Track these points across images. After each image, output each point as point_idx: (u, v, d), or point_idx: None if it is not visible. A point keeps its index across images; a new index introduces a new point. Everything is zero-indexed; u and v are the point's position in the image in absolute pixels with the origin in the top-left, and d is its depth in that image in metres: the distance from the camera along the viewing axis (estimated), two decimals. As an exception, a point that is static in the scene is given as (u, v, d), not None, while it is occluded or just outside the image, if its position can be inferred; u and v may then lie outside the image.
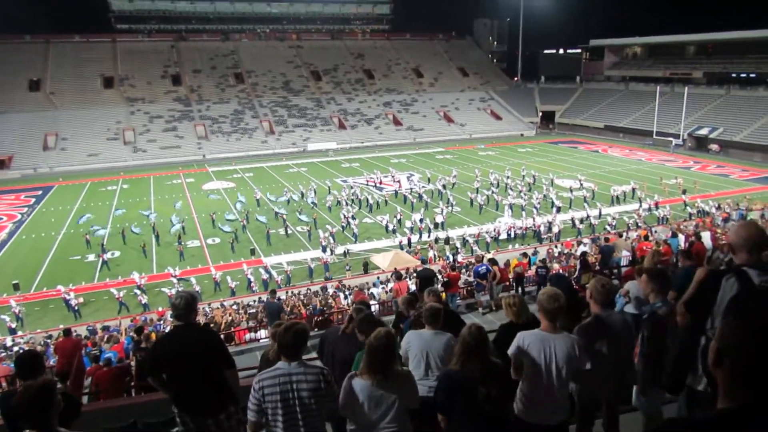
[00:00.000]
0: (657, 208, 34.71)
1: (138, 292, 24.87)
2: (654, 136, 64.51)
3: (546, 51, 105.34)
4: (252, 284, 25.89)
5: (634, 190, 38.57)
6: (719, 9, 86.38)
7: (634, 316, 5.76)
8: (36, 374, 4.25)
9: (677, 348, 4.17)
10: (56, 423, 3.26)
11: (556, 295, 4.24)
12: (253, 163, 59.08)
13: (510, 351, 4.21)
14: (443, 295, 13.58)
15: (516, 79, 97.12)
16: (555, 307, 4.17)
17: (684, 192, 37.50)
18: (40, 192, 47.72)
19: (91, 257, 30.18)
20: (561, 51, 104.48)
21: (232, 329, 16.16)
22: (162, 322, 19.69)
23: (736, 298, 3.21)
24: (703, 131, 62.10)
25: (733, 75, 72.53)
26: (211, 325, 16.76)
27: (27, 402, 3.17)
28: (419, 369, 4.99)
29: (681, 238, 19.03)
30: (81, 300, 24.61)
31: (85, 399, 8.66)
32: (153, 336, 12.82)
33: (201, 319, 18.63)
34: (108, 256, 30.43)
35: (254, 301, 22.73)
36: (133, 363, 10.11)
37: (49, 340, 17.65)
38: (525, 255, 21.50)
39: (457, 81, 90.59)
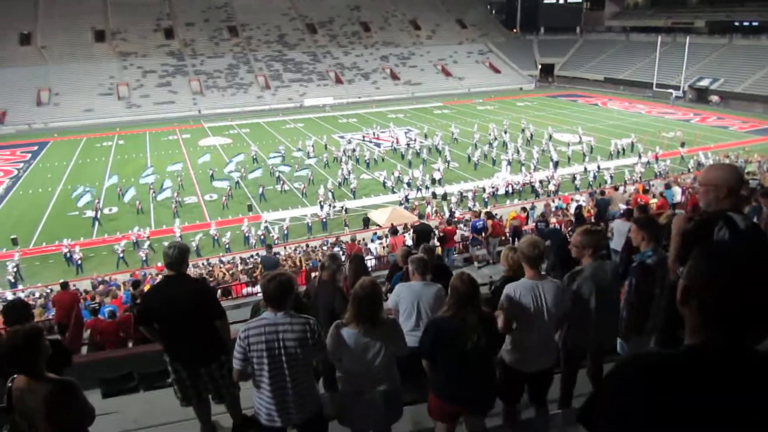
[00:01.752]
0: (657, 161, 34.57)
1: (138, 246, 25.05)
2: (654, 88, 63.74)
3: (546, 1, 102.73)
4: (250, 239, 26.01)
5: (633, 144, 38.34)
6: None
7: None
8: (23, 321, 4.29)
9: (668, 302, 4.19)
10: (44, 368, 3.32)
11: (535, 242, 4.32)
12: (250, 118, 58.43)
13: (501, 304, 4.26)
14: (439, 249, 13.69)
15: (515, 30, 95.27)
16: (535, 253, 4.25)
17: (682, 145, 37.31)
18: (35, 147, 47.34)
19: (89, 213, 30.14)
20: (561, 1, 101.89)
21: (230, 284, 16.30)
22: (161, 276, 19.87)
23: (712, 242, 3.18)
24: (704, 82, 61.40)
25: (736, 23, 71.10)
26: (210, 279, 16.91)
27: (14, 346, 3.23)
28: (410, 320, 5.05)
29: (677, 190, 19.02)
30: (81, 255, 24.76)
31: (84, 350, 8.81)
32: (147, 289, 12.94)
33: (201, 272, 18.81)
34: (106, 211, 30.51)
35: (251, 256, 22.85)
36: (131, 316, 10.23)
37: (49, 293, 17.81)
38: (524, 209, 21.54)
39: (455, 33, 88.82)
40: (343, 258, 9.40)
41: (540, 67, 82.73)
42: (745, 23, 70.47)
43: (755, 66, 59.15)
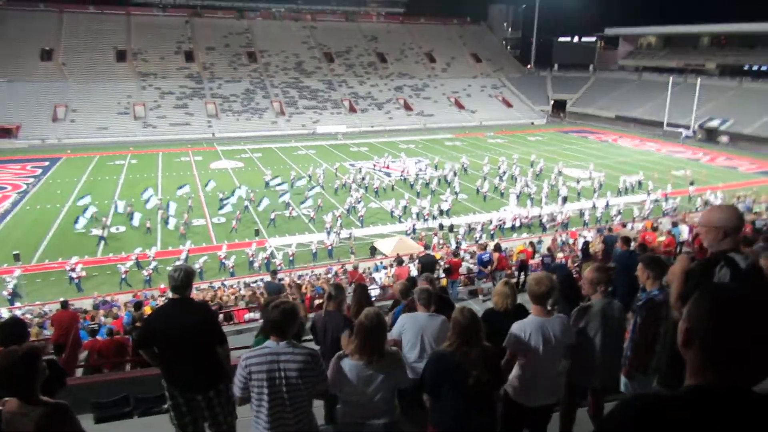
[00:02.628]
0: (666, 199, 34.44)
1: (142, 267, 25.01)
2: (665, 127, 63.93)
3: (560, 39, 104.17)
4: (255, 264, 25.97)
5: (640, 181, 38.31)
6: (734, 1, 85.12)
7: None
8: (18, 341, 4.23)
9: (671, 341, 4.15)
10: (39, 391, 3.21)
11: (541, 279, 4.31)
12: (263, 143, 58.95)
13: (509, 342, 4.25)
14: (444, 281, 13.60)
15: (529, 66, 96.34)
16: (541, 291, 4.23)
17: (692, 183, 37.22)
18: (47, 163, 47.75)
19: (96, 231, 30.18)
20: (575, 39, 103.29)
21: (232, 308, 16.21)
22: (163, 298, 19.82)
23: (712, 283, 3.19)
24: (714, 123, 61.65)
25: (746, 67, 71.90)
26: (213, 303, 16.84)
27: (9, 367, 3.11)
28: (414, 351, 5.01)
29: (684, 228, 18.86)
30: (84, 273, 24.74)
31: (79, 372, 8.71)
32: (149, 311, 12.86)
33: (207, 295, 18.73)
34: (113, 230, 30.62)
35: (255, 281, 22.80)
36: (130, 339, 10.15)
37: (47, 311, 17.74)
38: (531, 244, 21.44)
39: (469, 67, 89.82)
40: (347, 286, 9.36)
41: (552, 102, 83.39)
42: (755, 67, 71.24)
43: (764, 109, 59.35)
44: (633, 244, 11.05)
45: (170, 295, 4.69)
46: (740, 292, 1.42)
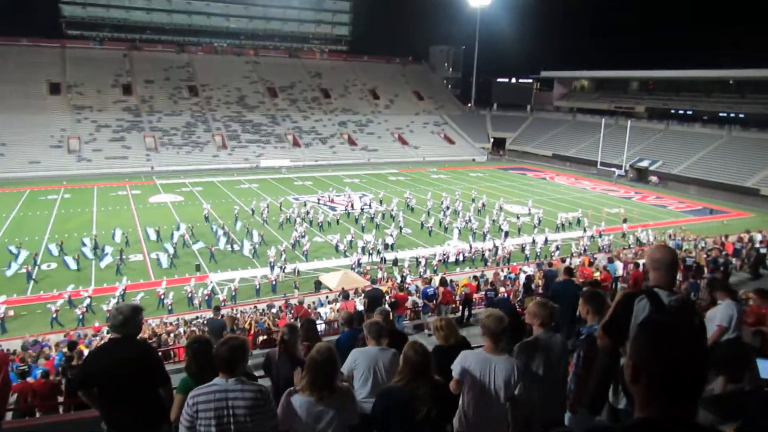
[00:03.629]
0: (600, 236, 35.83)
1: (74, 305, 23.85)
2: (598, 166, 66.84)
3: (499, 79, 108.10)
4: (195, 300, 25.25)
5: (579, 218, 39.75)
6: (661, 48, 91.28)
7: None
8: None
9: (598, 369, 4.30)
10: None
11: (501, 317, 4.34)
12: (204, 177, 58.00)
13: (454, 370, 4.24)
14: (391, 315, 13.60)
15: (469, 105, 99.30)
16: (501, 329, 4.27)
17: (625, 221, 38.92)
18: (-26, 198, 45.41)
19: (24, 269, 28.68)
20: (513, 80, 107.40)
21: (172, 346, 15.65)
22: (97, 338, 18.92)
23: (647, 317, 3.35)
24: (644, 163, 64.79)
25: (672, 111, 76.38)
26: (152, 340, 16.21)
27: None
28: (366, 386, 4.94)
29: (619, 264, 19.68)
30: (11, 313, 23.40)
31: (9, 416, 8.20)
32: (82, 352, 12.25)
33: (144, 333, 17.99)
34: (44, 267, 29.23)
35: (196, 318, 22.14)
36: (63, 380, 9.64)
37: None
38: (475, 278, 21.77)
39: (412, 104, 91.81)
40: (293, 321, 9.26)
41: (492, 140, 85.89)
42: (680, 111, 75.76)
43: (690, 151, 63.10)
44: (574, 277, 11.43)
45: (110, 334, 4.54)
46: (670, 323, 1.51)
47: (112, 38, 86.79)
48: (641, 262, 16.85)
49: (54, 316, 23.22)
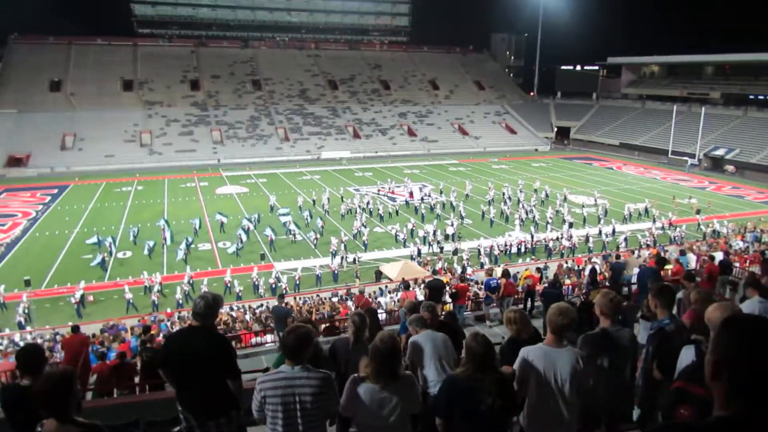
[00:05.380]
0: (671, 227, 34.39)
1: (150, 291, 25.00)
2: (669, 155, 64.05)
3: (563, 67, 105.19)
4: (259, 289, 25.95)
5: (647, 209, 38.26)
6: (738, 30, 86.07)
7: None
8: (37, 367, 4.28)
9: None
10: (74, 412, 3.32)
11: (565, 310, 4.19)
12: (267, 169, 59.41)
13: (515, 365, 4.19)
14: (447, 306, 13.57)
15: (532, 94, 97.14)
16: (564, 323, 4.13)
17: (698, 212, 37.15)
18: (56, 190, 48.28)
19: (99, 258, 30.25)
20: (578, 67, 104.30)
21: (239, 332, 16.16)
22: (170, 323, 19.77)
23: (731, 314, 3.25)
24: (719, 152, 61.64)
25: (751, 96, 72.10)
26: (220, 327, 16.79)
27: (49, 389, 3.24)
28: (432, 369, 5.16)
29: (692, 257, 18.80)
30: (91, 298, 24.79)
31: (89, 396, 8.70)
32: (155, 335, 12.83)
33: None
34: (120, 255, 30.74)
35: (261, 305, 22.75)
36: (138, 362, 10.14)
37: (57, 336, 17.73)
38: (538, 269, 21.39)
39: (472, 94, 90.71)
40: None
41: (556, 129, 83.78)
42: (760, 97, 71.42)
43: (770, 139, 59.53)
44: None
45: (176, 319, 4.71)
46: (754, 319, 1.47)
47: (180, 35, 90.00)
48: (716, 255, 16.09)
49: (130, 302, 24.40)
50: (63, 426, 3.21)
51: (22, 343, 17.13)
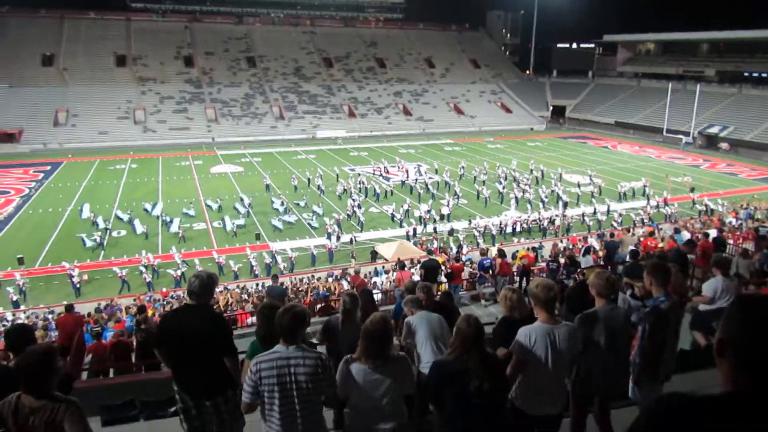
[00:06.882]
0: (666, 205, 34.51)
1: (143, 269, 24.97)
2: (664, 134, 64.06)
3: (559, 45, 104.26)
4: (254, 269, 25.96)
5: (645, 187, 38.31)
6: (732, 7, 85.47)
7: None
8: (25, 347, 4.27)
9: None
10: (55, 388, 3.31)
11: (549, 285, 4.28)
12: (262, 148, 59.05)
13: (514, 348, 4.20)
14: (443, 287, 13.62)
15: (528, 72, 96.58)
16: (550, 296, 4.20)
17: (692, 190, 37.24)
18: (49, 167, 47.87)
19: (97, 235, 30.23)
20: (574, 45, 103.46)
21: (235, 312, 16.20)
22: (165, 302, 19.80)
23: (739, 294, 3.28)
24: (714, 129, 61.72)
25: (746, 74, 72.03)
26: (216, 306, 16.82)
27: (29, 365, 3.22)
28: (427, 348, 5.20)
29: (686, 234, 18.89)
30: (85, 277, 24.76)
31: (84, 375, 8.72)
32: (151, 314, 12.84)
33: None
34: (114, 234, 30.69)
35: (257, 285, 22.80)
36: (134, 342, 10.15)
37: (50, 316, 17.74)
38: (533, 249, 21.48)
39: (468, 73, 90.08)
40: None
41: (551, 108, 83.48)
42: (755, 74, 71.31)
43: (764, 115, 59.53)
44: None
45: (188, 300, 4.69)
46: (763, 300, 1.48)
47: (173, 11, 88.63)
48: (710, 231, 16.18)
49: (123, 279, 24.39)
50: (38, 401, 3.20)
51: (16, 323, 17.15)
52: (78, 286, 23.95)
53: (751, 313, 1.46)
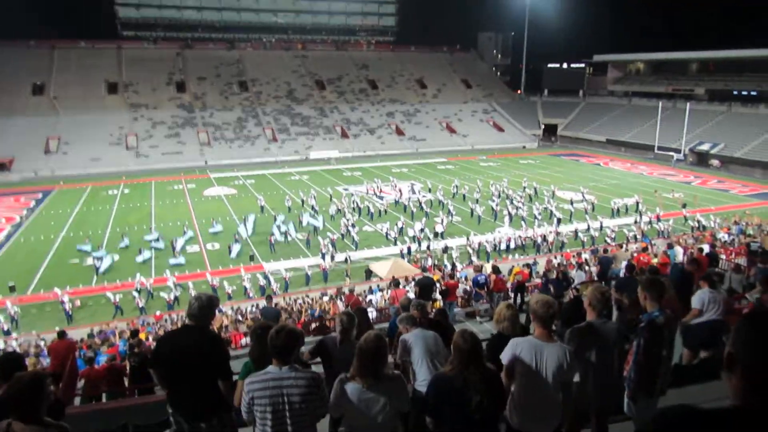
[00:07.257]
0: (658, 221, 34.66)
1: (136, 294, 24.77)
2: (656, 151, 64.59)
3: (550, 65, 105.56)
4: (248, 291, 25.80)
5: (638, 203, 38.49)
6: (721, 27, 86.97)
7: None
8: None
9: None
10: (44, 414, 3.28)
11: (549, 302, 4.25)
12: (255, 170, 59.12)
13: (503, 358, 4.19)
14: (437, 304, 13.57)
15: (519, 91, 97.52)
16: (549, 313, 4.17)
17: (684, 206, 37.46)
18: (40, 195, 47.61)
19: (90, 261, 30.04)
20: (565, 65, 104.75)
21: (229, 333, 16.07)
22: (158, 326, 19.62)
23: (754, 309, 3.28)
24: (705, 147, 62.24)
25: (735, 92, 72.90)
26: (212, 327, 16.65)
27: (18, 392, 3.19)
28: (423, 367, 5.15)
29: (679, 250, 18.97)
30: (78, 303, 24.54)
31: (77, 401, 8.60)
32: (143, 338, 12.71)
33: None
34: (108, 261, 30.48)
35: (252, 306, 22.65)
36: (127, 366, 10.04)
37: (42, 342, 17.52)
38: (527, 265, 21.48)
39: (460, 93, 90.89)
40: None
41: (543, 127, 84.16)
42: (744, 92, 72.22)
43: (754, 133, 60.13)
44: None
45: (187, 321, 4.67)
46: None
47: (165, 38, 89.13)
48: (703, 246, 16.22)
49: (117, 305, 24.18)
50: (28, 426, 3.17)
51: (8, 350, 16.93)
52: (70, 312, 23.70)
53: (761, 329, 1.48)
